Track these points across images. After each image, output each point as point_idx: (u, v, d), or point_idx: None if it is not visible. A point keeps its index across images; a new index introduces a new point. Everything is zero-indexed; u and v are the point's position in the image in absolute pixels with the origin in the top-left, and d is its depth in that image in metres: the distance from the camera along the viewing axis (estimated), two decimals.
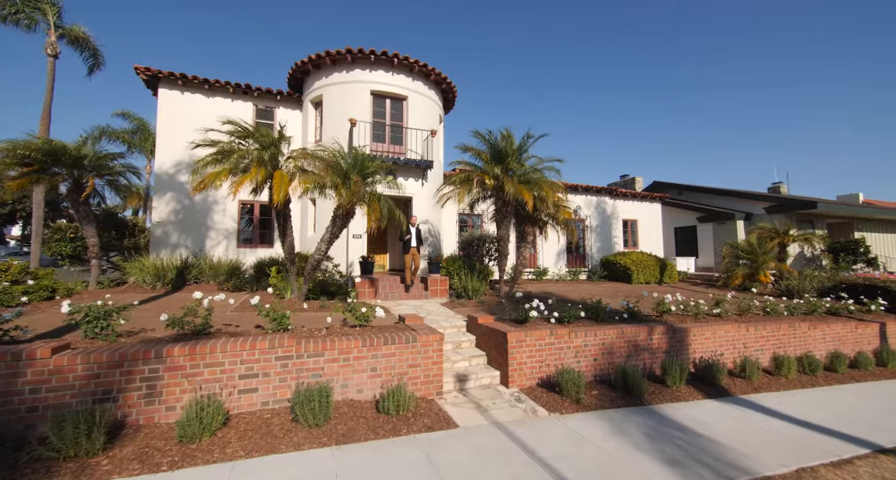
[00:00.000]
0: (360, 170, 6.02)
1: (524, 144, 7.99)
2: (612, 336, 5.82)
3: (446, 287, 9.10)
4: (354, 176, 5.83)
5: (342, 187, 5.76)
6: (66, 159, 7.47)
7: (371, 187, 6.36)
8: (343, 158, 6.03)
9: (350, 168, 5.98)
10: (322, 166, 5.72)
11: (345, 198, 5.70)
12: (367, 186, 6.29)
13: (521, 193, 7.37)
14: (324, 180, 5.60)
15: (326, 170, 5.63)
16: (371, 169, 6.14)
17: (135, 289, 8.25)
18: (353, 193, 5.67)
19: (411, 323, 5.60)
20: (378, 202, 6.05)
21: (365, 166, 6.07)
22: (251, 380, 3.95)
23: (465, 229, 13.24)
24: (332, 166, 5.79)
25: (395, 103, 10.95)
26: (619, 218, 16.28)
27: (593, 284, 12.76)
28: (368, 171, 6.11)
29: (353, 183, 5.73)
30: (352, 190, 5.69)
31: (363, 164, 6.06)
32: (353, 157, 6.14)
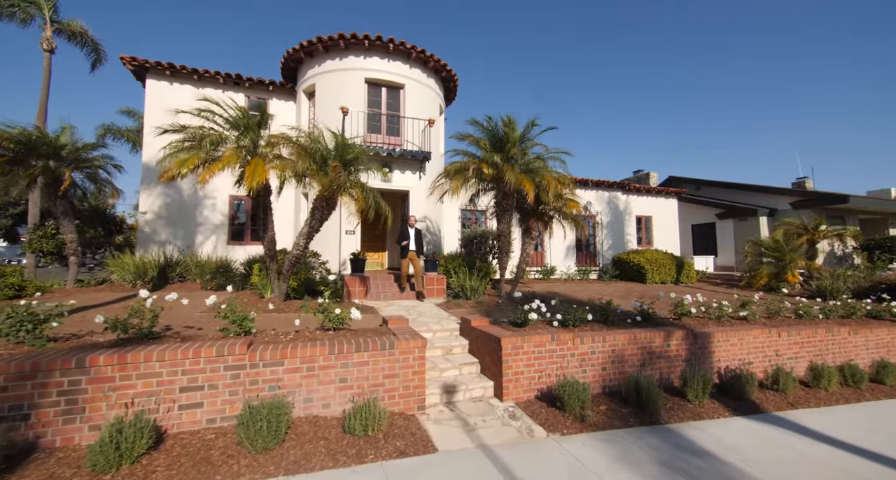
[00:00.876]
0: (341, 156, 5.43)
1: (527, 132, 7.30)
2: (623, 341, 5.11)
3: (443, 286, 8.47)
4: (333, 162, 5.24)
5: (317, 174, 5.17)
6: (44, 150, 7.08)
7: (354, 176, 5.76)
8: (320, 142, 5.44)
9: (328, 153, 5.40)
10: (297, 151, 5.15)
11: (322, 186, 5.11)
12: (351, 175, 5.69)
13: (522, 183, 6.69)
14: (295, 166, 5.02)
15: (300, 155, 5.06)
16: (352, 154, 5.54)
17: (113, 288, 7.84)
18: (332, 181, 5.08)
19: (394, 327, 4.98)
20: (361, 191, 5.45)
21: (346, 152, 5.48)
22: (194, 394, 3.38)
23: (469, 226, 12.59)
24: (308, 151, 5.21)
25: (391, 92, 10.36)
26: (632, 214, 15.41)
27: (604, 284, 11.97)
28: (349, 157, 5.52)
29: (330, 169, 5.14)
30: (330, 177, 5.10)
31: (344, 150, 5.47)
32: (335, 142, 5.56)
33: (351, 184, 5.40)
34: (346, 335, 4.47)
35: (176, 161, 5.27)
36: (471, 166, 6.92)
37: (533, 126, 7.21)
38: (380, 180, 9.70)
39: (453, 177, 7.38)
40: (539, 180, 7.07)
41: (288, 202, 10.65)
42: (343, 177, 5.18)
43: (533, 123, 7.19)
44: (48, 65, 13.40)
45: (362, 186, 5.55)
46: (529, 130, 7.26)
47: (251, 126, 5.47)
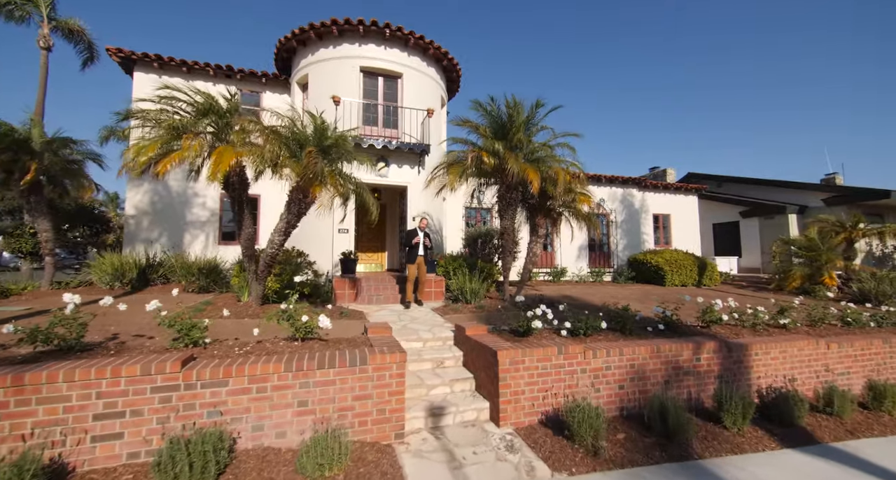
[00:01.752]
0: (318, 142, 4.80)
1: (532, 115, 6.55)
2: (644, 355, 4.33)
3: (442, 289, 7.77)
4: (309, 147, 4.60)
5: (290, 161, 4.54)
6: (9, 144, 6.62)
7: (335, 165, 5.10)
8: (296, 126, 4.81)
9: (305, 138, 4.76)
10: (267, 136, 4.52)
11: (296, 174, 4.47)
12: (331, 163, 5.04)
13: (526, 173, 5.95)
14: (262, 152, 4.39)
15: (270, 139, 4.43)
16: (331, 140, 4.89)
17: (90, 291, 7.34)
18: (306, 168, 4.43)
19: (374, 336, 4.30)
20: (340, 181, 4.79)
21: (323, 137, 4.84)
22: (112, 422, 2.75)
23: (473, 225, 11.86)
24: (279, 135, 4.57)
25: (388, 82, 9.73)
26: (648, 212, 14.47)
27: (619, 286, 11.09)
28: (327, 143, 4.87)
29: (304, 155, 4.49)
30: (303, 163, 4.45)
31: (321, 135, 4.83)
32: (314, 126, 4.92)
33: (329, 173, 4.74)
34: (314, 347, 3.81)
35: (133, 148, 4.70)
36: (469, 155, 6.22)
37: (538, 107, 6.45)
38: (375, 174, 9.08)
39: (450, 169, 6.68)
40: (546, 170, 6.33)
41: (280, 199, 10.10)
42: (320, 166, 4.53)
43: (538, 104, 6.43)
44: (45, 63, 13.20)
45: (342, 176, 4.89)
46: (535, 113, 6.52)
47: (216, 110, 4.87)
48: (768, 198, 16.09)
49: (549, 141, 6.66)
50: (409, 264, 6.92)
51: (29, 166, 6.66)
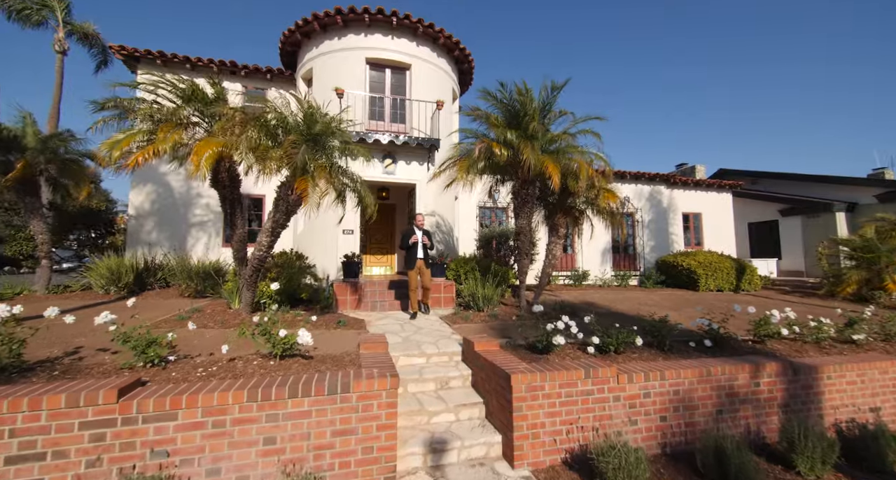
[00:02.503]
0: (306, 129, 4.25)
1: (551, 101, 5.83)
2: (690, 378, 3.57)
3: (452, 294, 7.12)
4: (293, 136, 4.05)
5: (269, 150, 3.98)
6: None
7: (327, 156, 4.53)
8: (278, 112, 4.26)
9: (290, 125, 4.22)
10: (242, 121, 3.99)
11: (274, 165, 3.92)
12: (323, 155, 4.48)
13: (544, 166, 5.25)
14: (238, 140, 3.86)
15: (246, 125, 3.90)
16: (320, 127, 4.32)
17: (83, 296, 7.04)
18: (283, 159, 3.88)
19: (366, 353, 3.70)
20: (329, 173, 4.21)
21: (312, 123, 4.28)
22: (29, 466, 2.23)
23: (489, 226, 11.17)
24: (257, 121, 4.04)
25: (396, 74, 9.19)
26: (677, 211, 13.45)
27: (648, 291, 10.19)
28: (316, 131, 4.31)
29: (285, 143, 3.94)
30: (281, 151, 3.89)
31: (309, 121, 4.27)
32: (303, 113, 4.37)
33: (318, 165, 4.17)
34: (292, 367, 3.22)
35: (106, 142, 4.27)
36: (477, 146, 5.56)
37: (555, 90, 5.72)
38: (382, 172, 8.55)
39: (458, 164, 6.04)
40: (566, 163, 5.60)
41: None
42: (303, 155, 3.97)
43: (554, 86, 5.70)
44: (60, 66, 13.33)
45: (335, 169, 4.31)
46: (554, 98, 5.79)
47: (200, 97, 4.38)
48: (811, 194, 14.76)
49: (570, 128, 5.91)
50: (408, 270, 6.07)
51: (35, 167, 6.39)
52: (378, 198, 10.27)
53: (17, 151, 6.65)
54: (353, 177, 5.00)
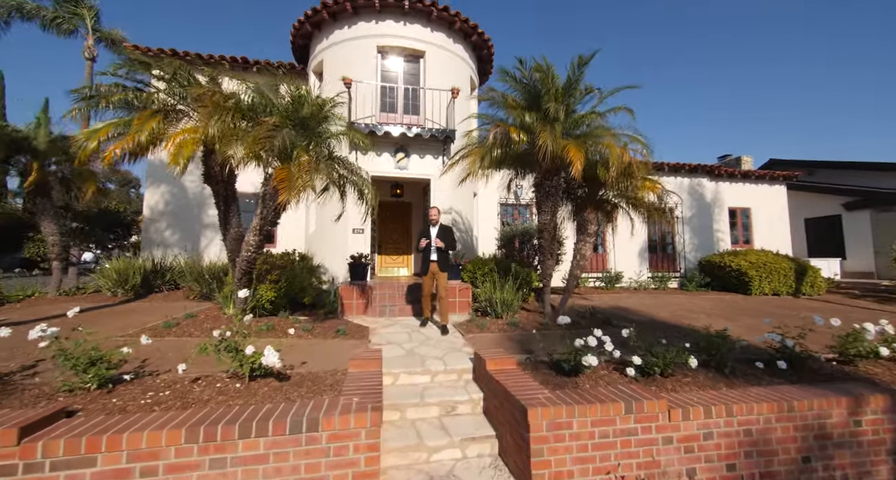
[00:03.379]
0: (292, 113, 3.72)
1: (577, 78, 5.04)
2: (766, 415, 2.74)
3: (468, 298, 6.45)
4: (276, 118, 3.52)
5: (242, 137, 3.46)
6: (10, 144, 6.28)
7: (316, 144, 3.97)
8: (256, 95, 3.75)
9: (274, 107, 3.70)
10: (212, 102, 3.51)
11: (242, 151, 3.40)
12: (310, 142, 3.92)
13: (564, 151, 4.48)
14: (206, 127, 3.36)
15: (217, 108, 3.41)
16: (308, 111, 3.78)
17: (91, 299, 6.89)
18: (253, 144, 3.33)
19: (355, 373, 3.11)
20: (317, 162, 3.64)
21: (298, 105, 3.74)
22: None
23: (511, 223, 10.41)
24: (230, 104, 3.54)
25: (409, 62, 8.62)
26: (723, 206, 12.16)
27: (691, 296, 9.11)
28: (304, 114, 3.77)
29: (262, 126, 3.41)
30: (253, 135, 3.36)
31: (297, 103, 3.74)
32: (289, 95, 3.84)
33: (302, 151, 3.60)
34: (260, 392, 2.67)
35: (83, 132, 3.91)
36: (492, 131, 4.87)
37: (581, 65, 4.92)
38: (394, 167, 8.00)
39: (470, 153, 5.38)
40: (594, 147, 4.81)
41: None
42: (284, 140, 3.43)
43: (582, 61, 4.90)
44: (90, 73, 13.70)
45: (320, 156, 3.75)
46: (580, 75, 4.99)
47: (182, 78, 3.95)
48: (881, 185, 13.00)
49: (597, 106, 5.08)
50: (422, 275, 5.29)
51: (31, 167, 6.29)
52: (392, 195, 9.77)
53: (28, 152, 6.58)
54: (352, 169, 4.44)
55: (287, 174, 3.30)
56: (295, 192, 3.29)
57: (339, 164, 4.22)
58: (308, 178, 3.39)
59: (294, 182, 3.24)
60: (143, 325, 4.72)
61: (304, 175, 3.32)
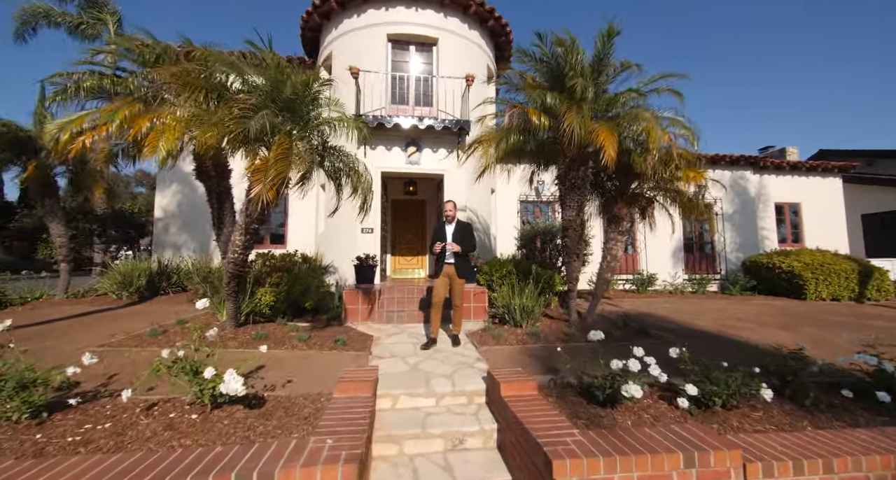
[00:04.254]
0: (273, 92, 3.23)
1: (602, 51, 4.35)
2: (880, 472, 2.03)
3: (484, 303, 5.85)
4: (253, 98, 3.04)
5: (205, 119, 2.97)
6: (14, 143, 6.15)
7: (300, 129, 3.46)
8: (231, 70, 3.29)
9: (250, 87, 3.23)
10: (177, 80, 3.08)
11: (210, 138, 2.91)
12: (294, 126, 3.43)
13: (594, 135, 3.82)
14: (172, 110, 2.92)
15: (184, 87, 2.97)
16: (291, 91, 3.28)
17: (95, 302, 6.72)
18: (222, 129, 2.85)
19: (341, 399, 2.59)
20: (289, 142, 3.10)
21: (280, 85, 3.25)
22: None
23: (532, 222, 9.73)
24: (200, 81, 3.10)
25: (421, 51, 8.11)
26: (768, 201, 11.05)
27: (735, 301, 8.19)
28: (286, 95, 3.28)
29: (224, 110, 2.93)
30: (220, 122, 2.88)
31: (276, 83, 3.24)
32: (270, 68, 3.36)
33: (284, 137, 3.09)
34: (218, 426, 2.18)
35: (56, 123, 3.58)
36: (508, 113, 4.27)
37: (611, 36, 4.21)
38: (405, 162, 7.50)
39: (483, 142, 4.80)
40: (629, 131, 4.12)
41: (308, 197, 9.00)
42: (261, 122, 2.94)
43: (611, 31, 4.18)
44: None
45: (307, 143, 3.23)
46: (609, 49, 4.29)
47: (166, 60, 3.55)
48: None
49: (641, 86, 4.34)
50: (434, 277, 4.50)
51: (28, 165, 6.16)
52: (405, 192, 9.27)
53: (32, 152, 6.46)
54: (348, 160, 3.94)
55: (261, 163, 2.82)
56: (269, 184, 2.81)
57: (333, 155, 3.72)
58: (284, 168, 2.89)
59: (268, 172, 2.76)
60: (130, 332, 4.39)
61: (278, 164, 2.83)
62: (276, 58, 3.43)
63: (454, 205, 4.53)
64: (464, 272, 4.39)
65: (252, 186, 2.85)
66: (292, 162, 2.95)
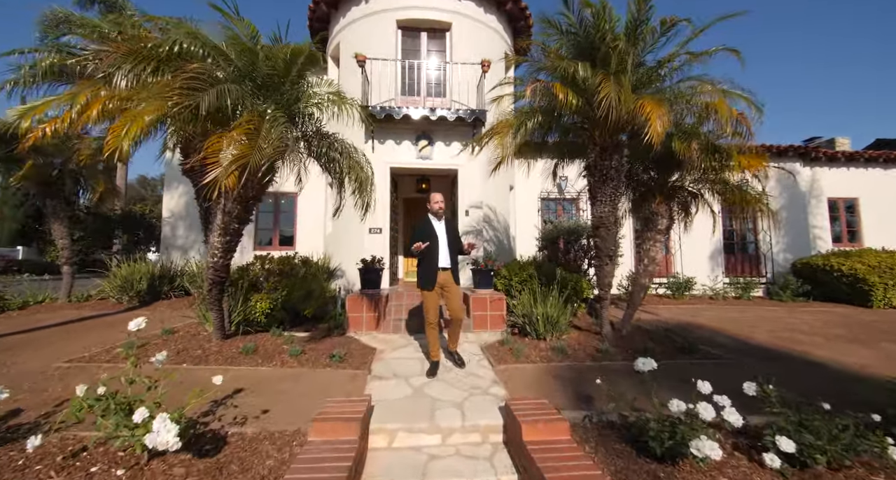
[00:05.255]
0: (245, 67, 2.72)
1: (639, 15, 3.65)
2: None
3: (501, 311, 5.22)
4: (196, 65, 2.50)
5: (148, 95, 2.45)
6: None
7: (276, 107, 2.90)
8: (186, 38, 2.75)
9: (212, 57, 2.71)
10: (126, 53, 2.59)
11: (145, 111, 2.38)
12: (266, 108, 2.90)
13: (638, 108, 3.15)
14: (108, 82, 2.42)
15: (125, 59, 2.48)
16: (268, 64, 2.75)
17: (96, 306, 6.47)
18: (162, 102, 2.33)
19: (317, 441, 2.03)
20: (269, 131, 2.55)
21: (250, 55, 2.72)
22: None
23: (554, 221, 9.02)
24: (137, 53, 2.58)
25: (433, 37, 7.56)
26: (820, 196, 9.97)
27: (787, 308, 7.26)
28: (262, 70, 2.75)
29: (161, 84, 2.42)
30: (159, 95, 2.36)
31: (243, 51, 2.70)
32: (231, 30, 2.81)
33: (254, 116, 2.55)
34: None
35: (16, 109, 3.20)
36: (530, 87, 3.64)
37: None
38: (416, 157, 6.97)
39: (497, 129, 4.19)
40: (677, 108, 3.43)
41: (314, 196, 8.62)
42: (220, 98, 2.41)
43: None
44: None
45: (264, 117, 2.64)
46: (645, 11, 3.58)
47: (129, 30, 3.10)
48: None
49: (688, 59, 3.59)
50: (423, 289, 3.56)
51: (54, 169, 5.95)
52: (417, 190, 8.72)
53: (32, 150, 6.24)
54: (343, 148, 3.41)
55: (215, 140, 2.32)
56: (228, 169, 2.30)
57: (326, 143, 3.20)
58: (246, 151, 2.36)
59: (226, 154, 2.26)
60: (111, 343, 4.00)
61: (240, 145, 2.32)
62: (249, 27, 2.91)
63: (439, 199, 3.66)
64: (457, 277, 3.65)
65: (207, 170, 2.36)
66: (259, 145, 2.42)
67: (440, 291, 3.59)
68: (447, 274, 3.57)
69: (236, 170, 2.41)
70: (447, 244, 3.60)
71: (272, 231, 9.16)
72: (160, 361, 1.98)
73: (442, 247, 3.57)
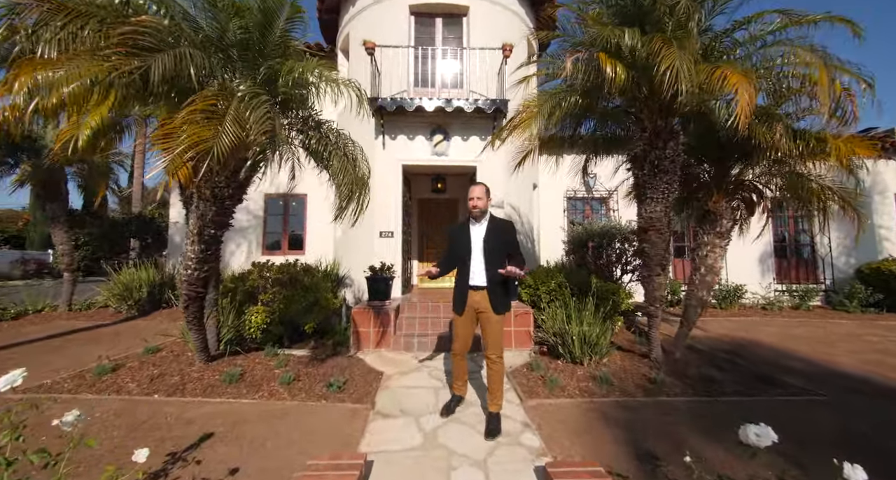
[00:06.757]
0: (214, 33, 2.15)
1: None
2: None
3: (528, 327, 4.53)
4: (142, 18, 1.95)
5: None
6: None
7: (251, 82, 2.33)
8: None
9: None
10: (55, 10, 2.08)
11: (69, 76, 1.83)
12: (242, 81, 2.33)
13: (722, 80, 2.44)
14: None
15: (54, 15, 1.96)
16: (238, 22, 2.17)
17: (96, 315, 6.14)
18: (96, 66, 1.78)
19: None
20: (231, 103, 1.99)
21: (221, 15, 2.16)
22: None
23: (581, 222, 8.25)
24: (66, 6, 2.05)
25: (449, 23, 6.95)
26: (885, 192, 8.85)
27: (860, 321, 6.29)
28: (232, 37, 2.17)
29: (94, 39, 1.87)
30: (90, 57, 1.80)
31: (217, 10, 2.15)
32: None
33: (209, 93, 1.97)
34: None
35: None
36: (569, 58, 2.97)
37: None
38: (431, 153, 6.37)
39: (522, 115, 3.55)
40: (773, 76, 2.70)
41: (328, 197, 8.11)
42: (177, 64, 1.85)
43: None
44: None
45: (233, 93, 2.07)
46: None
47: None
48: None
49: (777, 26, 2.82)
50: (456, 313, 2.74)
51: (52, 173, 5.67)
52: (432, 190, 8.09)
53: (33, 153, 5.98)
54: (338, 137, 2.84)
55: (167, 122, 1.78)
56: (179, 159, 1.75)
57: (316, 134, 2.63)
58: (204, 134, 1.80)
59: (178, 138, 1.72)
60: (82, 366, 3.52)
61: (196, 127, 1.76)
62: None
63: (485, 191, 2.73)
64: (502, 303, 2.62)
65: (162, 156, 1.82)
66: (225, 129, 1.87)
67: (473, 318, 2.69)
68: (482, 295, 2.61)
69: (190, 161, 1.87)
70: (483, 255, 2.62)
71: (281, 234, 8.74)
72: (69, 423, 1.42)
73: (476, 260, 2.64)
